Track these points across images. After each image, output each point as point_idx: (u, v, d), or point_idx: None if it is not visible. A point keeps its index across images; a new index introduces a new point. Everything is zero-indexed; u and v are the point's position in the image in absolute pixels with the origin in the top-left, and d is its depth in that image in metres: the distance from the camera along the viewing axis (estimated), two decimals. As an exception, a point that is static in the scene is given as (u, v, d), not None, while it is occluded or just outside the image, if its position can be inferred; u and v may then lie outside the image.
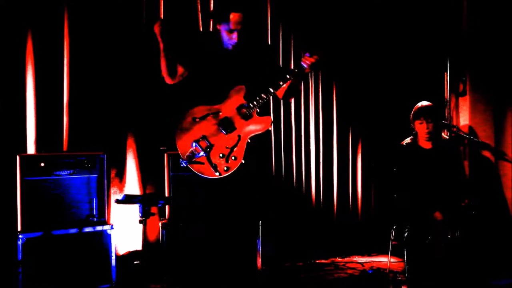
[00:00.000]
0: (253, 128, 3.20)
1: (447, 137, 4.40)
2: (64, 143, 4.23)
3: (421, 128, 4.08)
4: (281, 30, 5.18)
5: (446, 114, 5.11)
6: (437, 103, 4.62)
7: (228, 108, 3.22)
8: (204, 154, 3.11)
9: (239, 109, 3.21)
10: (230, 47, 3.29)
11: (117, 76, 4.41)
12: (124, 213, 4.34)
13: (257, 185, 3.35)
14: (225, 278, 3.68)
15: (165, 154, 4.23)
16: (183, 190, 4.20)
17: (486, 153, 5.04)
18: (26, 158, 3.76)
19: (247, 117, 3.20)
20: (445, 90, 5.16)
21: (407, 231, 3.93)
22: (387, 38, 5.49)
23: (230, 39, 3.25)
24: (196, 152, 3.12)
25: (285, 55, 5.18)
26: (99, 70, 4.35)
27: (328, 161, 5.44)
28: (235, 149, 3.14)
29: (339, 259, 5.12)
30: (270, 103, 4.68)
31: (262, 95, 3.20)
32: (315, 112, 5.36)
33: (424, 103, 4.12)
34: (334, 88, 5.48)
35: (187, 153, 3.13)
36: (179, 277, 4.08)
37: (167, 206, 4.22)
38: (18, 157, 3.71)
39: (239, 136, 3.17)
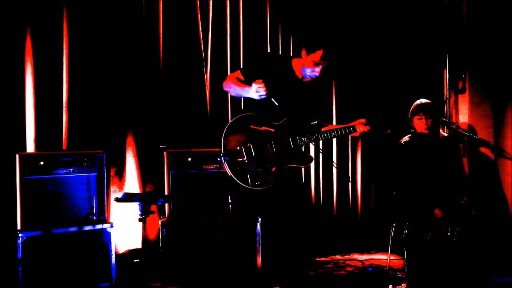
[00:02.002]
0: (295, 160, 3.26)
1: (446, 135, 4.40)
2: (63, 141, 4.23)
3: (420, 124, 4.07)
4: (280, 31, 5.19)
5: (445, 111, 5.11)
6: (437, 100, 4.62)
7: (283, 132, 3.25)
8: (246, 161, 3.15)
9: (291, 137, 3.25)
10: (308, 78, 3.30)
11: (116, 75, 4.41)
12: (124, 211, 4.34)
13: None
14: (225, 276, 3.68)
15: (164, 152, 4.23)
16: (183, 188, 4.21)
17: (486, 150, 5.04)
18: (26, 157, 3.76)
19: (295, 148, 3.24)
20: (445, 87, 5.16)
21: (406, 229, 3.94)
22: (387, 36, 5.49)
23: (313, 71, 3.25)
24: (240, 155, 3.15)
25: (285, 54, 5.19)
26: (98, 68, 4.35)
27: (328, 158, 5.44)
28: (272, 169, 3.19)
29: (339, 257, 5.12)
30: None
31: (314, 137, 3.27)
32: (315, 110, 5.36)
33: (423, 100, 4.14)
34: (333, 85, 5.49)
35: (229, 150, 3.15)
36: (179, 275, 4.09)
37: (166, 204, 4.23)
38: (17, 156, 3.71)
39: (280, 159, 3.21)
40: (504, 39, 5.00)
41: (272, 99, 3.12)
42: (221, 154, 3.14)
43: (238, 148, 3.16)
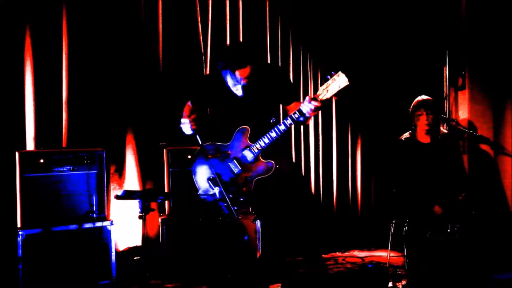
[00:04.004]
0: (257, 171, 3.25)
1: (446, 131, 4.40)
2: (63, 139, 4.23)
3: (421, 120, 4.07)
4: (280, 30, 5.19)
5: (445, 108, 5.11)
6: (436, 97, 4.61)
7: (235, 149, 3.27)
8: (216, 192, 3.18)
9: (244, 151, 3.26)
10: (238, 95, 3.28)
11: (116, 73, 4.41)
12: (124, 208, 4.35)
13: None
14: (225, 274, 3.69)
15: (164, 150, 4.23)
16: (182, 186, 4.21)
17: (485, 147, 5.04)
18: (26, 155, 3.76)
19: (252, 160, 3.25)
20: (444, 84, 5.16)
21: (406, 226, 3.94)
22: (386, 32, 5.48)
23: (236, 90, 3.24)
24: (210, 188, 3.23)
25: (284, 51, 5.19)
26: (98, 66, 4.35)
27: (328, 156, 5.44)
28: (243, 189, 3.22)
29: (339, 254, 5.13)
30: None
31: (266, 140, 3.22)
32: (314, 107, 5.35)
33: (424, 96, 4.13)
34: (333, 83, 5.48)
35: (203, 189, 3.29)
36: (179, 272, 4.09)
37: (166, 202, 4.23)
38: (17, 154, 3.70)
39: (245, 178, 3.23)
40: (504, 36, 4.99)
41: (197, 136, 3.24)
42: (198, 193, 3.28)
43: (207, 182, 3.25)
